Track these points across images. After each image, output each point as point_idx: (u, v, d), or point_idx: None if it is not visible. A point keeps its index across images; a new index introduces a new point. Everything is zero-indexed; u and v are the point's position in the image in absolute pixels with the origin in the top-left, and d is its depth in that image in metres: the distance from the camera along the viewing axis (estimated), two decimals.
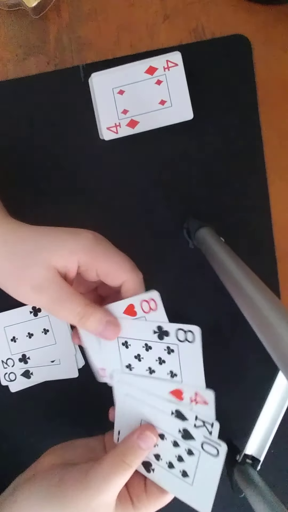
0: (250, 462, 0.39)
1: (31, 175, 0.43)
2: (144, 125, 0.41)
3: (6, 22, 0.43)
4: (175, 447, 0.32)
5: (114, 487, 0.31)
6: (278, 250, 0.44)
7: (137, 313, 0.33)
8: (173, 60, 0.40)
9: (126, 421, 0.34)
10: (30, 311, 0.43)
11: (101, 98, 0.41)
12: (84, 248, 0.32)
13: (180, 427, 0.32)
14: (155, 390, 0.33)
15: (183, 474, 0.32)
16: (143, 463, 0.34)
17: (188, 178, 0.44)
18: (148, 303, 0.33)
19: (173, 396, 0.32)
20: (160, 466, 0.33)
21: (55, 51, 0.43)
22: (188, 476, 0.32)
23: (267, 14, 0.43)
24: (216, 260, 0.34)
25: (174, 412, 0.32)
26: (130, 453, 0.32)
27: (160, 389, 0.33)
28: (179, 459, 0.32)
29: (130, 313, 0.33)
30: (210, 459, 0.31)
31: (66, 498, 0.31)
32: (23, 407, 0.44)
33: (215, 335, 0.44)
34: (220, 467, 0.31)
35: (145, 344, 0.33)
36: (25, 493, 0.32)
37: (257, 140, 0.43)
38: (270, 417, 0.39)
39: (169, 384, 0.32)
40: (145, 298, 0.33)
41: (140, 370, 0.33)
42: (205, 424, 0.31)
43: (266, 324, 0.24)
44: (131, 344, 0.33)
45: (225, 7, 0.43)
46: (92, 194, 0.44)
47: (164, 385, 0.32)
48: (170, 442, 0.33)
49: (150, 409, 0.33)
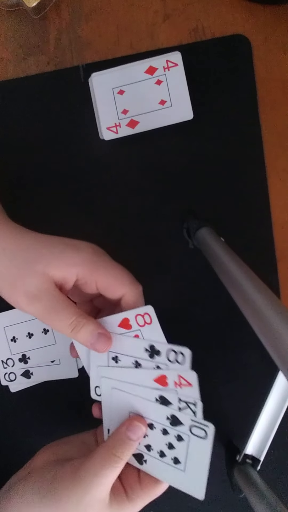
0: (250, 462, 0.39)
1: (31, 175, 0.43)
2: (144, 125, 0.41)
3: (6, 22, 0.43)
4: (164, 435, 0.33)
5: (106, 481, 0.31)
6: (278, 250, 0.44)
7: (132, 327, 0.33)
8: (173, 60, 0.40)
9: (114, 416, 0.34)
10: None
11: (101, 98, 0.41)
12: (83, 261, 0.33)
13: (168, 414, 0.32)
14: (140, 380, 0.33)
15: (174, 461, 0.33)
16: (135, 456, 0.34)
17: (188, 178, 0.44)
18: (143, 317, 0.33)
19: (157, 383, 0.32)
20: (152, 456, 0.34)
21: (55, 51, 0.43)
22: (180, 462, 0.32)
23: (267, 14, 0.43)
24: (216, 260, 0.34)
25: (159, 399, 0.32)
26: (120, 446, 0.32)
27: (144, 379, 0.33)
28: (169, 447, 0.33)
29: (125, 326, 0.33)
30: (199, 442, 0.31)
31: (59, 494, 0.31)
32: (23, 407, 0.44)
33: (215, 335, 0.44)
34: (209, 448, 0.31)
35: (135, 361, 0.33)
36: (19, 491, 0.32)
37: (257, 140, 0.43)
38: (270, 417, 0.39)
39: (153, 372, 0.32)
40: (139, 312, 0.33)
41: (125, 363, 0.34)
42: (188, 405, 0.32)
43: (266, 324, 0.24)
44: (121, 359, 0.34)
45: (225, 7, 0.43)
46: (92, 194, 0.44)
47: (148, 373, 0.33)
48: (160, 431, 0.33)
49: (137, 400, 0.33)
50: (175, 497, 0.44)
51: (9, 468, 0.37)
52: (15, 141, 0.43)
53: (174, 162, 0.43)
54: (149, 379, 0.33)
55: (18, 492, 0.32)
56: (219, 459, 0.43)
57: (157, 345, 0.32)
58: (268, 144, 0.44)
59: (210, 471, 0.44)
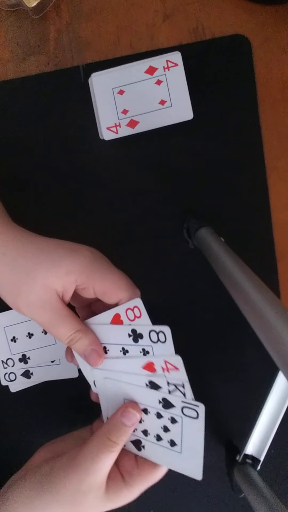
0: (250, 462, 0.39)
1: (31, 175, 0.43)
2: (144, 125, 0.41)
3: (6, 22, 0.43)
4: (159, 419, 0.34)
5: (102, 466, 0.31)
6: (278, 250, 0.44)
7: (123, 322, 0.34)
8: (173, 60, 0.40)
9: (111, 404, 0.35)
10: None
11: (101, 98, 0.41)
12: (81, 267, 0.33)
13: (159, 397, 0.34)
14: (130, 368, 0.34)
15: (171, 443, 0.34)
16: (133, 442, 0.35)
17: (188, 178, 0.44)
18: (133, 311, 0.34)
19: (146, 370, 0.34)
20: (149, 441, 0.35)
21: (55, 51, 0.43)
22: (176, 444, 0.33)
23: (267, 14, 0.43)
24: (216, 260, 0.34)
25: (148, 384, 0.34)
26: (115, 431, 0.33)
27: (134, 367, 0.34)
28: (165, 430, 0.34)
29: (117, 322, 0.34)
30: (192, 422, 0.33)
31: (56, 484, 0.31)
32: (23, 407, 0.44)
33: (215, 335, 0.44)
34: (202, 427, 0.32)
35: (122, 348, 0.34)
36: (16, 490, 0.33)
37: (257, 140, 0.43)
38: (270, 417, 0.39)
39: (141, 359, 0.34)
40: (129, 306, 0.34)
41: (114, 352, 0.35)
42: (177, 387, 0.33)
43: (266, 324, 0.24)
44: (109, 349, 0.35)
45: (225, 7, 0.43)
46: (92, 194, 0.44)
47: (137, 361, 0.34)
48: (154, 415, 0.34)
49: (129, 387, 0.35)
50: (175, 497, 0.44)
51: (9, 468, 0.37)
52: (15, 141, 0.43)
53: (174, 162, 0.43)
54: (138, 367, 0.34)
55: (16, 491, 0.33)
56: (219, 459, 0.43)
57: (139, 328, 0.34)
58: (268, 144, 0.44)
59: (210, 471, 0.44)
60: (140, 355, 0.34)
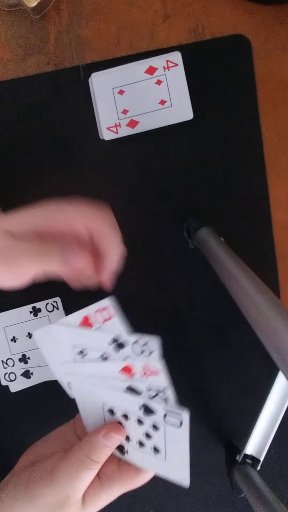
0: (250, 462, 0.39)
1: (30, 175, 0.43)
2: (144, 125, 0.41)
3: (6, 22, 0.43)
4: (140, 426, 0.32)
5: (81, 484, 0.31)
6: (278, 250, 0.44)
7: (93, 325, 0.31)
8: (173, 60, 0.40)
9: (89, 410, 0.34)
10: (30, 311, 0.43)
11: (101, 98, 0.41)
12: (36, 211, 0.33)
13: (140, 403, 0.31)
14: (107, 372, 0.32)
15: (154, 450, 0.32)
16: (117, 447, 0.33)
17: (188, 178, 0.44)
18: (102, 313, 0.31)
19: (123, 374, 0.31)
20: (132, 446, 0.33)
21: (55, 51, 0.43)
22: (159, 451, 0.31)
23: (267, 14, 0.43)
24: (216, 260, 0.34)
25: (126, 390, 0.31)
26: (96, 451, 0.31)
27: (110, 370, 0.32)
28: (147, 437, 0.32)
29: (86, 324, 0.32)
30: (175, 430, 0.30)
31: (34, 497, 0.31)
32: (23, 407, 0.44)
33: (215, 335, 0.44)
34: (186, 436, 0.30)
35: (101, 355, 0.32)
36: (2, 494, 0.33)
37: (257, 140, 0.43)
38: (270, 417, 0.39)
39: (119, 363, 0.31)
40: (98, 308, 0.31)
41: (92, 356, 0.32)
42: (158, 394, 0.30)
43: (266, 324, 0.24)
44: (87, 353, 0.32)
45: (225, 7, 0.43)
46: (92, 194, 0.44)
47: (114, 365, 0.31)
48: (135, 421, 0.32)
49: (107, 392, 0.32)
50: (175, 497, 0.44)
51: (9, 468, 0.37)
52: (15, 141, 0.43)
53: (174, 162, 0.43)
54: (115, 371, 0.31)
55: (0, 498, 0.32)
56: (219, 459, 0.43)
57: (121, 338, 0.31)
58: (268, 144, 0.44)
59: (210, 471, 0.44)
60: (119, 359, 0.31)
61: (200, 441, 0.43)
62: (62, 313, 0.42)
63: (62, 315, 0.42)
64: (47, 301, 0.43)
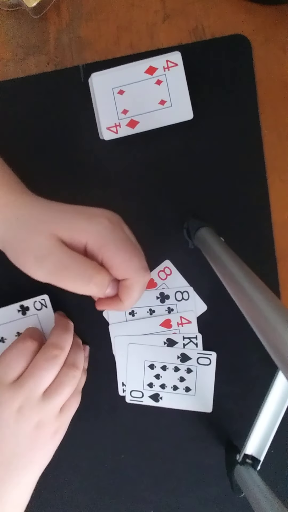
0: (250, 462, 0.39)
1: (30, 176, 0.43)
2: (144, 125, 0.41)
3: (6, 22, 0.43)
4: (176, 372, 0.40)
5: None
6: (278, 250, 0.44)
7: (157, 284, 0.40)
8: (173, 60, 0.40)
9: (132, 368, 0.40)
10: (18, 310, 0.41)
11: (101, 98, 0.41)
12: (94, 232, 0.31)
13: (178, 353, 0.40)
14: (149, 328, 0.40)
15: (186, 390, 0.40)
16: (152, 397, 0.41)
17: (188, 178, 0.44)
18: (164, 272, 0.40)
19: (163, 327, 0.40)
20: (167, 392, 0.40)
21: (55, 51, 0.43)
22: (191, 389, 0.40)
23: (267, 14, 0.43)
24: (216, 260, 0.34)
25: (166, 341, 0.40)
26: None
27: (153, 326, 0.40)
28: (181, 380, 0.40)
29: (151, 286, 0.41)
30: (205, 368, 0.40)
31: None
32: None
33: (215, 335, 0.44)
34: (213, 371, 0.40)
35: (149, 309, 0.40)
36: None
37: (257, 140, 0.43)
38: (270, 417, 0.39)
39: (159, 318, 0.40)
40: (160, 269, 0.40)
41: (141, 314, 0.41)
42: (191, 340, 0.40)
43: (266, 324, 0.24)
44: (137, 312, 0.40)
45: (225, 7, 0.43)
46: (92, 194, 0.44)
47: (155, 320, 0.40)
48: (172, 370, 0.40)
49: (150, 349, 0.40)
50: (175, 497, 0.44)
51: None
52: (14, 141, 0.43)
53: (174, 162, 0.43)
54: (156, 325, 0.39)
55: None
56: (219, 459, 0.43)
57: (166, 291, 0.41)
58: (268, 144, 0.44)
59: (210, 471, 0.44)
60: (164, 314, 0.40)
61: (200, 441, 0.43)
62: (51, 311, 0.41)
63: (51, 313, 0.41)
64: (35, 299, 0.41)
